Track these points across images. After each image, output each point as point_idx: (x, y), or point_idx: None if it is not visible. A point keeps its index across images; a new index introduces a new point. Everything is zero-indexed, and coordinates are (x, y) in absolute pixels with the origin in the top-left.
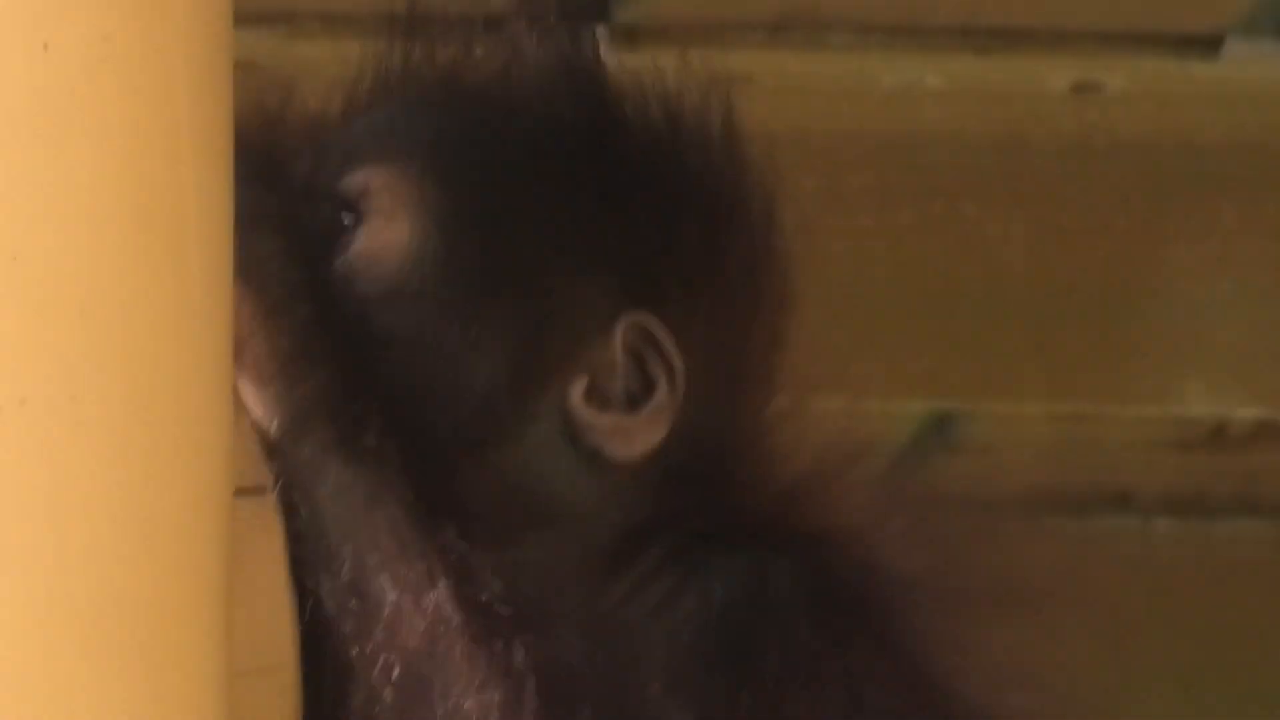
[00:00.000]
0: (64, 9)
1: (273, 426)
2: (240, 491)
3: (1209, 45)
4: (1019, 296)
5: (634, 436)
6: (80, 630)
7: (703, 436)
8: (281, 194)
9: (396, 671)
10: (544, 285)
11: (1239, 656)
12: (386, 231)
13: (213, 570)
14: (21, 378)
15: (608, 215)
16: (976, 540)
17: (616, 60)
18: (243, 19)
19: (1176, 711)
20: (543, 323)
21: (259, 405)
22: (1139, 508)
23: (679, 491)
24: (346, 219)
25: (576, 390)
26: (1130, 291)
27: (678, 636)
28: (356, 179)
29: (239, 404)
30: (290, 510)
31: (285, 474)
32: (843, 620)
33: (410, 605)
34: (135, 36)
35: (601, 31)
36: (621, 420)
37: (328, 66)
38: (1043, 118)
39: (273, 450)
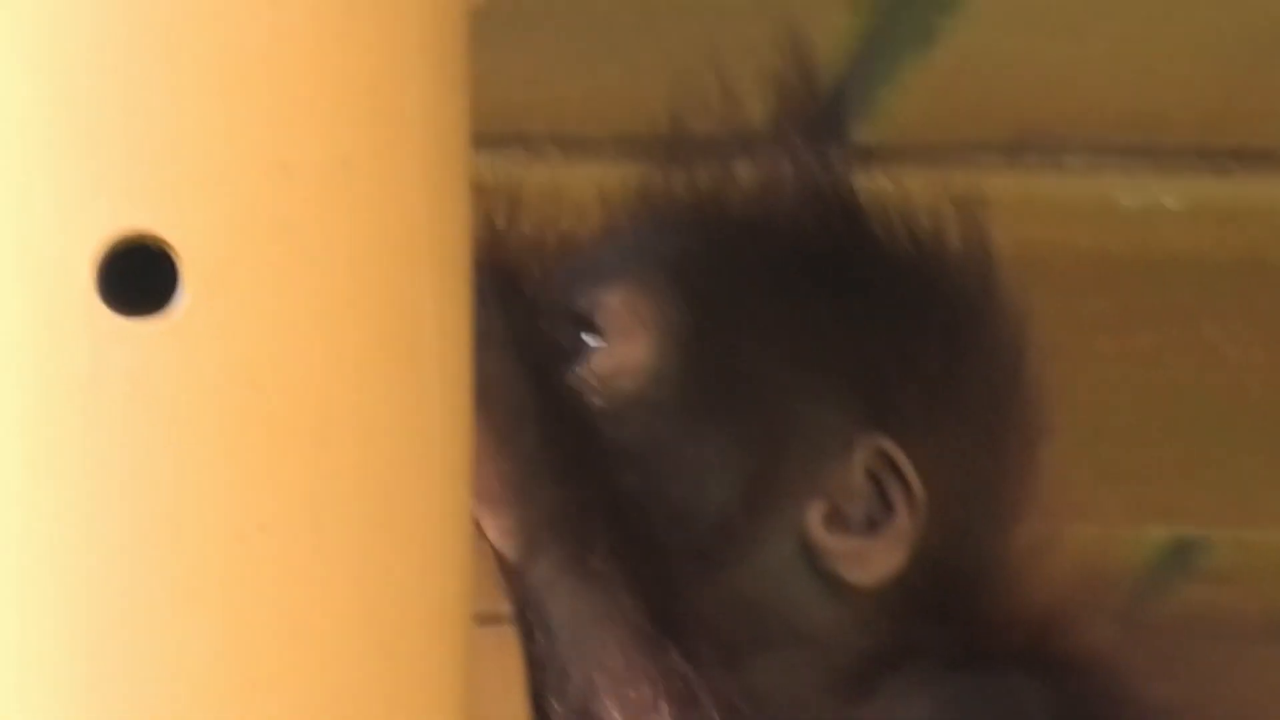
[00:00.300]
0: (303, 132)
1: (508, 550)
2: (480, 619)
3: None
4: (1260, 420)
5: (871, 561)
6: None
7: (945, 563)
8: (516, 314)
9: None
10: (783, 405)
11: None
12: (625, 347)
13: (453, 699)
14: (263, 504)
15: (850, 335)
16: (1221, 669)
17: (856, 181)
18: (479, 141)
19: None
20: (781, 443)
21: (494, 530)
22: None
23: (921, 619)
24: (586, 337)
25: (815, 513)
26: None
27: None
28: (596, 296)
29: (478, 529)
30: (527, 635)
31: (520, 598)
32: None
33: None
34: (373, 159)
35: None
36: (860, 544)
37: (562, 189)
38: None
39: (509, 575)
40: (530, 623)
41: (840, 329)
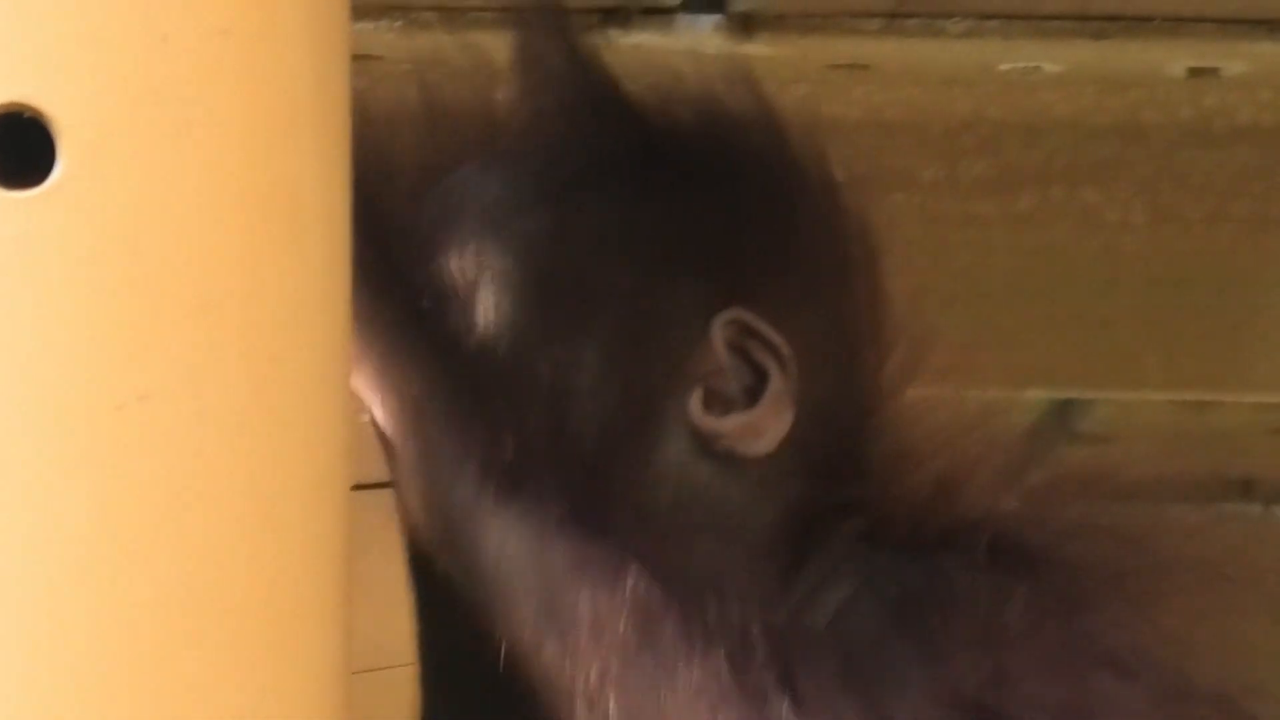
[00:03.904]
0: (182, 1)
1: (389, 428)
2: (358, 486)
3: None
4: (1139, 283)
5: (762, 429)
6: (200, 625)
7: (831, 416)
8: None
9: (608, 676)
10: (635, 308)
11: None
12: (473, 303)
13: (332, 565)
14: (142, 373)
15: (684, 221)
16: (1110, 528)
17: (732, 49)
18: (360, 12)
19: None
20: (643, 344)
21: (379, 407)
22: (1261, 495)
23: (826, 482)
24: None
25: (695, 401)
26: (1249, 277)
27: (860, 642)
28: (434, 263)
29: (357, 399)
30: (453, 564)
31: (441, 530)
32: (1028, 608)
33: (607, 611)
34: (252, 29)
35: (719, 21)
36: (745, 418)
37: (445, 57)
38: (1161, 103)
39: (389, 449)
40: (455, 553)
41: (672, 217)
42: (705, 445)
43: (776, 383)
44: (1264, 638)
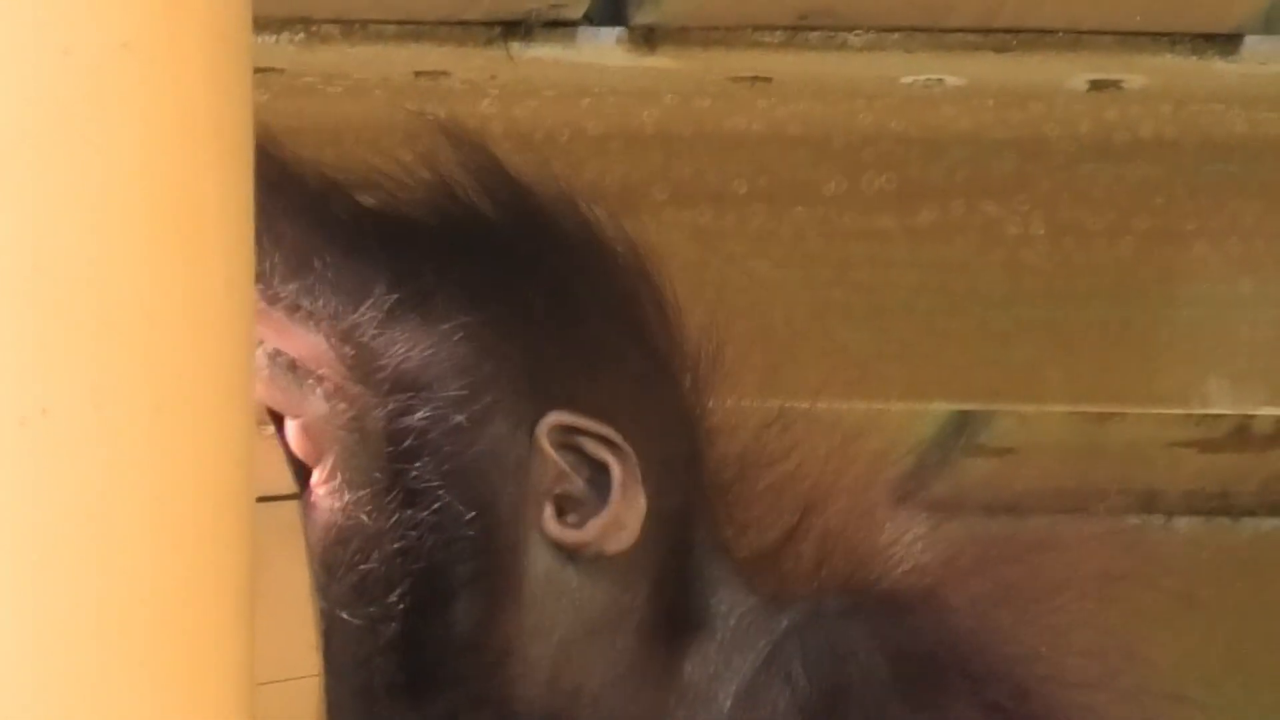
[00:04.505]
0: (84, 15)
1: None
2: (263, 499)
3: (1229, 42)
4: (1040, 296)
5: (623, 522)
6: (104, 637)
7: (679, 475)
8: None
9: None
10: (464, 439)
11: (1263, 655)
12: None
13: (236, 576)
14: (44, 387)
15: (489, 334)
16: (1006, 545)
17: (634, 63)
18: (262, 25)
19: (1200, 706)
20: (479, 476)
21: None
22: (1163, 507)
23: (708, 557)
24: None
25: (548, 517)
26: (1151, 290)
27: None
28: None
29: (260, 412)
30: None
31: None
32: (927, 674)
33: None
34: (154, 42)
35: (621, 34)
36: (602, 518)
37: (346, 70)
38: (1062, 116)
39: (295, 465)
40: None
41: (483, 331)
42: (574, 559)
43: (618, 471)
44: (1163, 648)
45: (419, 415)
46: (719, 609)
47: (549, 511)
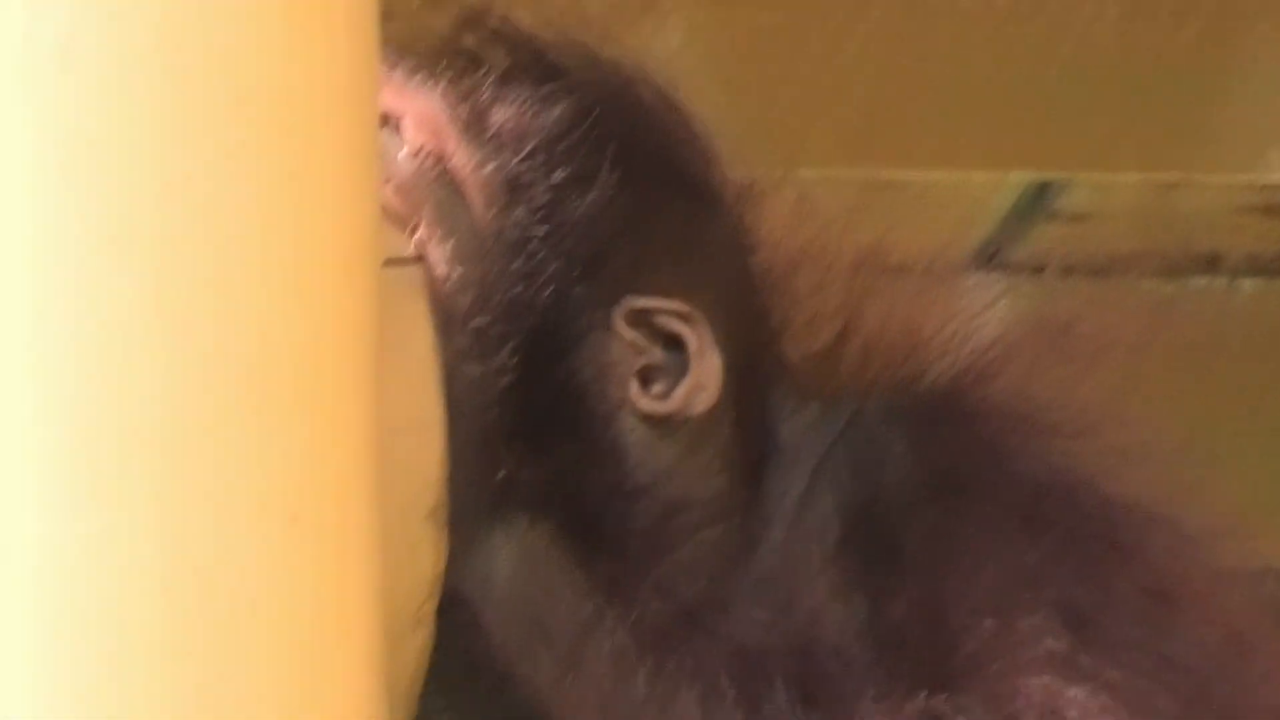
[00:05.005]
0: None
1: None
2: (389, 262)
3: None
4: (1113, 71)
5: (704, 383)
6: (245, 387)
7: (751, 327)
8: None
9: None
10: (555, 332)
11: None
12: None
13: (365, 330)
14: (181, 158)
15: (575, 224)
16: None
17: None
18: None
19: (1265, 447)
20: (566, 360)
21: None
22: (1226, 269)
23: (774, 382)
24: None
25: (634, 391)
26: (1217, 66)
27: (827, 541)
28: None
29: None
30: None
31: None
32: (958, 477)
33: (592, 636)
34: None
35: None
36: (686, 384)
37: None
38: None
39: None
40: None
41: (574, 220)
42: (666, 430)
43: (692, 340)
44: (1226, 407)
45: (522, 168)
46: (785, 428)
47: (635, 388)
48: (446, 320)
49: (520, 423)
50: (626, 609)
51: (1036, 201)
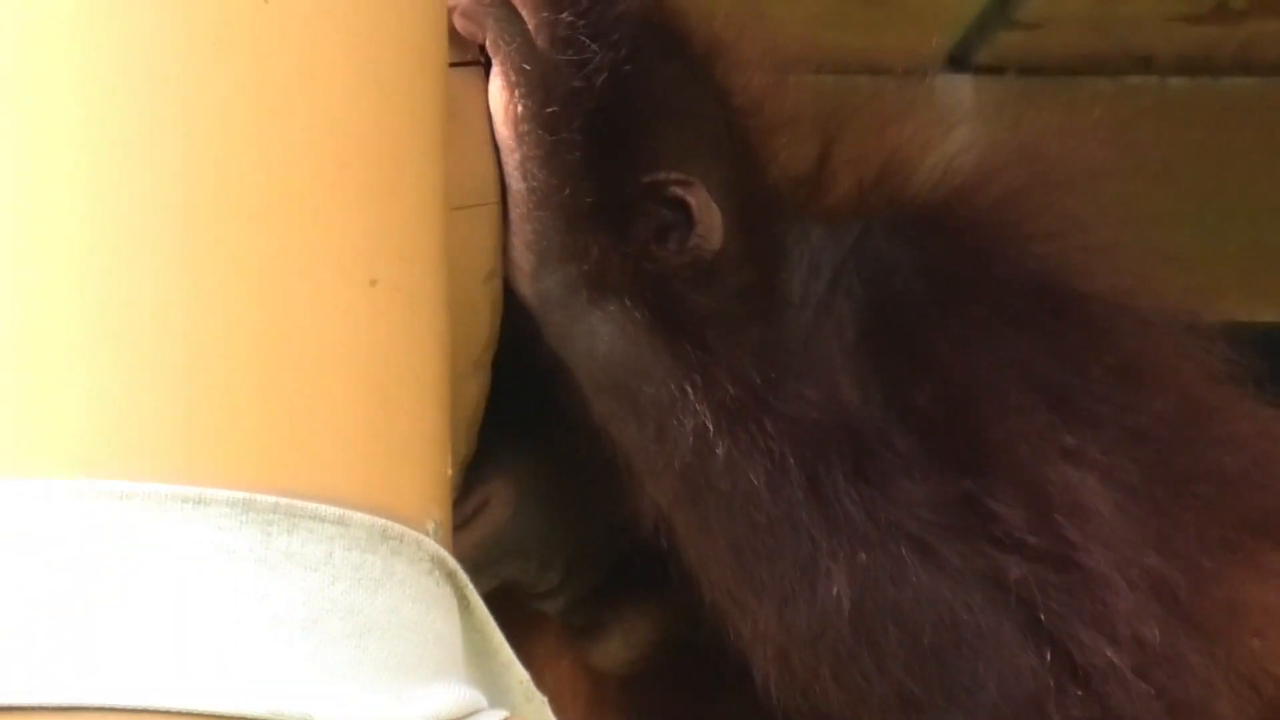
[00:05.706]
0: None
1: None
2: (454, 64)
3: None
4: None
5: (711, 226)
6: (333, 170)
7: (743, 172)
8: None
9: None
10: (593, 207)
11: (1237, 186)
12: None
13: (434, 120)
14: None
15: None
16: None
17: None
18: None
19: (1198, 219)
20: (596, 226)
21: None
22: (1158, 69)
23: (775, 213)
24: None
25: (655, 249)
26: None
27: (847, 333)
28: None
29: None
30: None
31: (538, 310)
32: (958, 283)
33: (680, 410)
34: None
35: None
36: (694, 237)
37: None
38: None
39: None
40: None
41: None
42: (694, 270)
43: (693, 200)
44: (1162, 184)
45: None
46: (795, 249)
47: (654, 246)
48: (520, 107)
49: (598, 206)
50: (708, 390)
51: (999, 11)
